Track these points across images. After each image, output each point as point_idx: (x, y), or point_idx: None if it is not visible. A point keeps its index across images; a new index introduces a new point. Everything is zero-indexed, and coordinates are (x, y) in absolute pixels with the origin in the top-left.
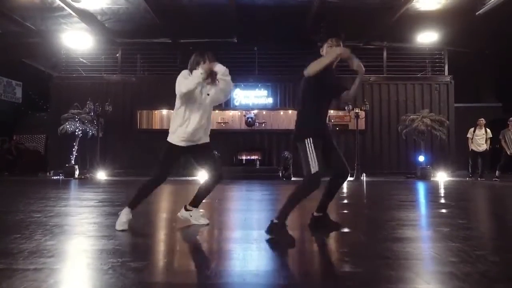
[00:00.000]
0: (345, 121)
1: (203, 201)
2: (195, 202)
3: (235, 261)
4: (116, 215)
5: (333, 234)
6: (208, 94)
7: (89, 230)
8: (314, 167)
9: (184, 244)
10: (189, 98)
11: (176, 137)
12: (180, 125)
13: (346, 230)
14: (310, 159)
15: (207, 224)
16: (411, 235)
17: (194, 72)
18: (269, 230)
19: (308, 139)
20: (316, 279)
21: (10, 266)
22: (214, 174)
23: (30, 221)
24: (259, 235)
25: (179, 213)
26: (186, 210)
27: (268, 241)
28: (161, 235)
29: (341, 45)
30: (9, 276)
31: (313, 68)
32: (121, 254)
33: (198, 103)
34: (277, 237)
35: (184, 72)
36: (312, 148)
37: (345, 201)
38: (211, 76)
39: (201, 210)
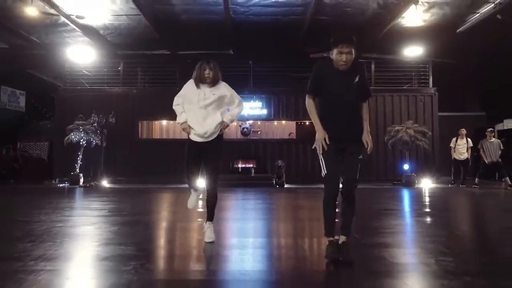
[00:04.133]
0: None
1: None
2: (207, 216)
3: (230, 263)
4: (124, 224)
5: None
6: (214, 94)
7: (108, 238)
8: (323, 170)
9: (185, 249)
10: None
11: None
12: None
13: None
14: (320, 163)
15: (211, 242)
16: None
17: (182, 115)
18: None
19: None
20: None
21: (55, 267)
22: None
23: (56, 230)
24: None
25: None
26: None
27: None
28: (165, 242)
29: (352, 52)
30: (57, 275)
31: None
32: (137, 258)
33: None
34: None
35: (188, 83)
36: (320, 151)
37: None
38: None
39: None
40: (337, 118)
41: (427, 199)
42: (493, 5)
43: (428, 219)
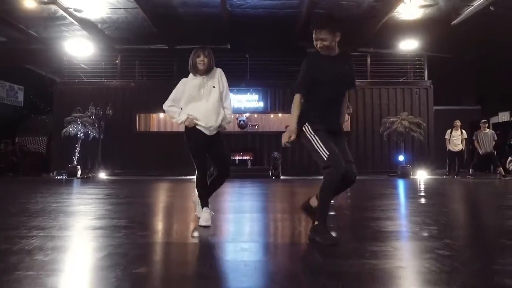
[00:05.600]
0: None
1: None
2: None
3: (221, 231)
4: (119, 204)
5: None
6: (214, 86)
7: (102, 214)
8: (323, 153)
9: (180, 219)
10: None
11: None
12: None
13: None
14: (317, 148)
15: (207, 227)
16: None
17: (181, 114)
18: (312, 233)
19: (306, 126)
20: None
21: (48, 234)
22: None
23: (51, 208)
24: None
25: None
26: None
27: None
28: (159, 217)
29: (326, 38)
30: (51, 239)
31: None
32: (130, 227)
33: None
34: (321, 239)
35: (181, 82)
36: (313, 133)
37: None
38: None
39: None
40: (328, 109)
41: (420, 186)
42: None
43: (419, 201)
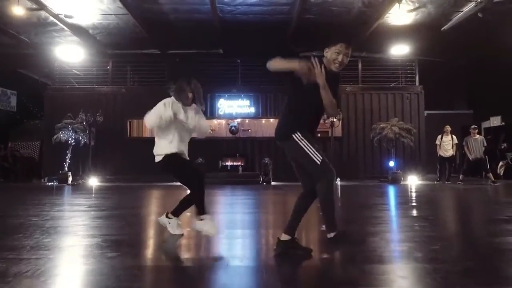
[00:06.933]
0: (325, 128)
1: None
2: (176, 212)
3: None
4: (102, 218)
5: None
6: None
7: (78, 231)
8: (317, 158)
9: (154, 238)
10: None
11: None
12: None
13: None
14: (309, 153)
15: (181, 235)
16: None
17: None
18: (337, 241)
19: (296, 134)
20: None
21: (17, 256)
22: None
23: (29, 223)
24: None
25: (159, 218)
26: (167, 217)
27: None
28: (135, 235)
29: (349, 55)
30: (17, 263)
31: (275, 64)
32: (101, 248)
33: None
34: (345, 242)
35: (167, 101)
36: (304, 139)
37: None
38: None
39: (179, 222)
40: (314, 120)
41: (409, 194)
42: (474, 3)
43: (404, 211)
